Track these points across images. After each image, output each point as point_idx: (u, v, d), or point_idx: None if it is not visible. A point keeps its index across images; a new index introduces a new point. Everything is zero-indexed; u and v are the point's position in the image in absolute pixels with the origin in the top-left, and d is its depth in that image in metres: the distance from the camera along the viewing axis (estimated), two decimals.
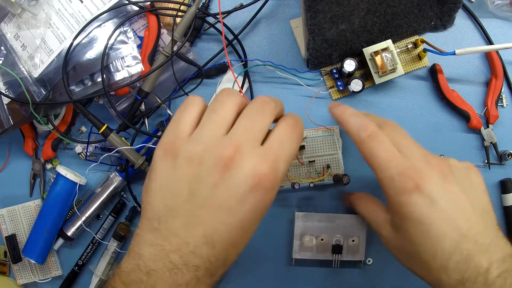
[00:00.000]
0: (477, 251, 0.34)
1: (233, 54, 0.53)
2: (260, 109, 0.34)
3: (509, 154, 0.51)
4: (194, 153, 0.32)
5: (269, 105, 0.35)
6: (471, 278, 0.33)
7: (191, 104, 0.35)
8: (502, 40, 0.52)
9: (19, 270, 0.54)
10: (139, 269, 0.31)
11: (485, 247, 0.34)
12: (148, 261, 0.31)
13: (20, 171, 0.55)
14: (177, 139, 0.33)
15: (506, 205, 0.51)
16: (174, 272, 0.31)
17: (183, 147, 0.32)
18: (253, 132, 0.33)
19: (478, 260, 0.33)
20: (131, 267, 0.32)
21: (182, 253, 0.31)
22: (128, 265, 0.32)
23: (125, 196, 0.54)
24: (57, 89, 0.48)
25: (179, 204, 0.32)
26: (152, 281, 0.30)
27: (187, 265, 0.31)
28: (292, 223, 0.50)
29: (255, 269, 0.52)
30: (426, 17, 0.50)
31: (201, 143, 0.32)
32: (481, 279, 0.33)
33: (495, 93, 0.51)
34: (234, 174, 0.31)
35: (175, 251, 0.31)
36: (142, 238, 0.32)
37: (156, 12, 0.50)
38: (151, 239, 0.32)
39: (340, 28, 0.47)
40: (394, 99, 0.52)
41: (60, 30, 0.49)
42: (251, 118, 0.34)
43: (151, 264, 0.31)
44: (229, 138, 0.32)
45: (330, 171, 0.49)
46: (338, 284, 0.52)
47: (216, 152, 0.32)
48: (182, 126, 0.34)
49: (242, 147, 0.32)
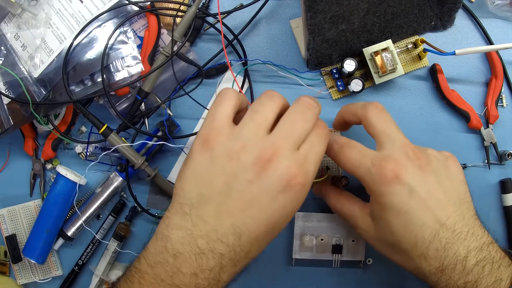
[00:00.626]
0: (456, 239, 0.35)
1: (233, 54, 0.53)
2: (302, 113, 0.36)
3: (509, 154, 0.51)
4: (234, 149, 0.33)
5: (312, 110, 0.36)
6: (450, 265, 0.35)
7: (226, 98, 0.36)
8: (502, 40, 0.52)
9: (19, 270, 0.54)
10: (166, 251, 0.32)
11: (463, 235, 0.35)
12: (176, 243, 0.32)
13: (20, 171, 0.55)
14: (214, 131, 0.34)
15: (506, 205, 0.51)
16: (199, 256, 0.32)
17: (223, 142, 0.34)
18: (293, 137, 0.35)
19: (457, 248, 0.35)
20: (158, 249, 0.33)
21: (209, 239, 0.32)
22: (155, 246, 0.33)
23: (125, 196, 0.54)
24: (57, 89, 0.48)
25: (212, 194, 0.33)
26: (178, 263, 0.32)
27: (213, 251, 0.32)
28: (292, 223, 0.50)
29: (255, 269, 0.52)
30: (426, 17, 0.50)
31: (242, 141, 0.34)
32: (459, 266, 0.35)
33: (495, 93, 0.51)
34: (269, 175, 0.33)
35: (203, 236, 0.32)
36: (172, 221, 0.34)
37: (156, 12, 0.50)
38: (180, 223, 0.33)
39: (340, 28, 0.47)
40: (394, 99, 0.52)
41: (60, 30, 0.49)
42: (293, 122, 0.35)
43: (178, 247, 0.32)
44: (269, 140, 0.34)
45: (329, 172, 0.49)
46: (338, 284, 0.52)
47: (255, 152, 0.33)
48: (219, 119, 0.35)
49: (281, 151, 0.33)
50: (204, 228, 0.33)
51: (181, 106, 0.53)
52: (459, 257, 0.35)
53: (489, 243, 0.36)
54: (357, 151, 0.39)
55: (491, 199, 0.52)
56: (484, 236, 0.36)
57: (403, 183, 0.36)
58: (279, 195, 0.33)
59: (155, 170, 0.50)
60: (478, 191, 0.51)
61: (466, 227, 0.36)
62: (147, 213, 0.52)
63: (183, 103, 0.53)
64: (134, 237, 0.53)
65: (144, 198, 0.53)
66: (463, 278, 0.35)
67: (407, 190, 0.36)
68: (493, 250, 0.36)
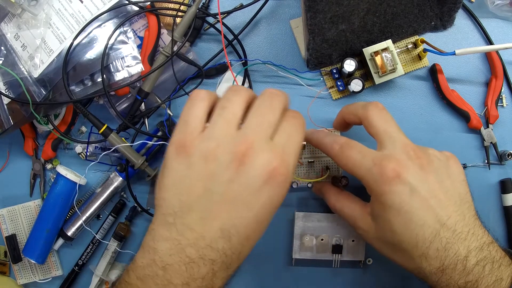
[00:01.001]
0: (456, 239, 0.35)
1: (233, 54, 0.53)
2: (269, 104, 0.35)
3: (509, 154, 0.51)
4: (208, 150, 0.32)
5: (278, 99, 0.36)
6: (451, 265, 0.35)
7: (197, 99, 0.35)
8: (502, 40, 0.52)
9: (19, 270, 0.54)
10: (154, 264, 0.32)
11: (464, 235, 0.35)
12: (164, 255, 0.31)
13: (20, 171, 0.55)
14: (189, 136, 0.33)
15: (506, 205, 0.51)
16: (190, 266, 0.31)
17: (197, 145, 0.33)
18: (264, 127, 0.34)
19: (457, 248, 0.35)
20: (146, 262, 0.32)
21: (198, 247, 0.31)
22: (143, 260, 0.32)
23: (125, 196, 0.54)
24: (57, 89, 0.48)
25: (194, 200, 0.32)
26: (168, 275, 0.31)
27: (203, 258, 0.31)
28: (292, 223, 0.50)
29: (255, 269, 0.52)
30: (426, 17, 0.50)
31: (214, 140, 0.33)
32: (460, 266, 0.35)
33: (495, 93, 0.51)
34: (248, 169, 0.32)
35: (191, 245, 0.31)
36: (157, 233, 0.33)
37: (156, 12, 0.50)
38: (166, 234, 0.32)
39: (340, 28, 0.47)
40: (394, 99, 0.52)
41: (60, 30, 0.49)
42: (262, 113, 0.35)
43: (167, 259, 0.31)
44: (241, 134, 0.33)
45: (329, 172, 0.49)
46: (338, 284, 0.52)
47: (230, 149, 0.32)
48: (192, 123, 0.34)
49: (255, 143, 0.32)
50: (191, 236, 0.32)
51: (181, 106, 0.53)
52: (460, 257, 0.35)
53: (490, 242, 0.36)
54: (358, 151, 0.39)
55: (491, 199, 0.52)
56: (484, 236, 0.36)
57: (404, 182, 0.36)
58: (262, 188, 0.32)
59: (155, 170, 0.50)
60: (478, 191, 0.51)
61: (466, 227, 0.36)
62: (147, 213, 0.52)
63: (183, 103, 0.53)
64: (134, 237, 0.53)
65: (144, 198, 0.53)
66: (463, 278, 0.35)
67: (408, 189, 0.36)
68: (493, 249, 0.36)
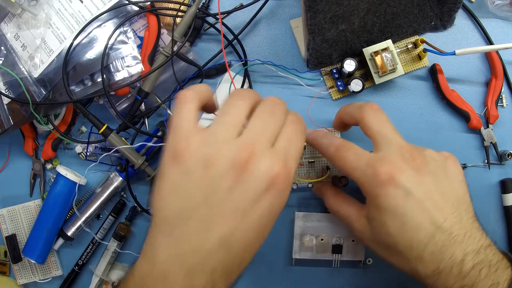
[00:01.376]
0: (452, 242, 0.35)
1: (233, 54, 0.53)
2: (271, 110, 0.35)
3: (509, 154, 0.51)
4: (207, 156, 0.31)
5: (280, 107, 0.35)
6: (446, 268, 0.34)
7: (185, 102, 0.34)
8: (502, 40, 0.52)
9: (19, 270, 0.54)
10: (153, 273, 0.31)
11: (460, 238, 0.35)
12: (163, 265, 0.31)
13: (20, 171, 0.55)
14: (183, 141, 0.32)
15: (506, 205, 0.51)
16: (189, 276, 0.30)
17: (193, 150, 0.31)
18: (266, 134, 0.33)
19: (453, 251, 0.34)
20: (145, 271, 0.31)
21: (198, 257, 0.30)
22: (142, 268, 0.32)
23: (125, 196, 0.54)
24: (57, 89, 0.48)
25: (193, 209, 0.31)
26: (168, 284, 0.30)
27: (203, 268, 0.30)
28: (292, 223, 0.50)
29: (255, 269, 0.52)
30: (426, 17, 0.50)
31: (215, 146, 0.31)
32: (455, 270, 0.34)
33: (495, 93, 0.51)
34: (249, 176, 0.31)
35: (191, 254, 0.30)
36: (156, 241, 0.32)
37: (156, 12, 0.50)
38: (164, 243, 0.31)
39: (340, 28, 0.47)
40: (394, 99, 0.52)
41: (60, 30, 0.49)
42: (264, 120, 0.34)
43: (166, 268, 0.30)
44: (243, 140, 0.32)
45: (330, 172, 0.49)
46: (338, 284, 0.52)
47: (230, 155, 0.31)
48: (183, 127, 0.33)
49: (256, 150, 0.31)
50: (189, 246, 0.30)
51: None
52: (456, 261, 0.34)
53: (487, 245, 0.35)
54: (353, 153, 0.38)
55: (491, 199, 0.52)
56: (482, 238, 0.36)
57: (398, 185, 0.35)
58: (263, 196, 0.31)
59: (155, 170, 0.50)
60: (478, 191, 0.51)
61: (463, 230, 0.35)
62: (147, 213, 0.52)
63: None
64: (134, 237, 0.53)
65: (144, 198, 0.53)
66: (459, 282, 0.34)
67: (402, 192, 0.35)
68: (490, 253, 0.35)
